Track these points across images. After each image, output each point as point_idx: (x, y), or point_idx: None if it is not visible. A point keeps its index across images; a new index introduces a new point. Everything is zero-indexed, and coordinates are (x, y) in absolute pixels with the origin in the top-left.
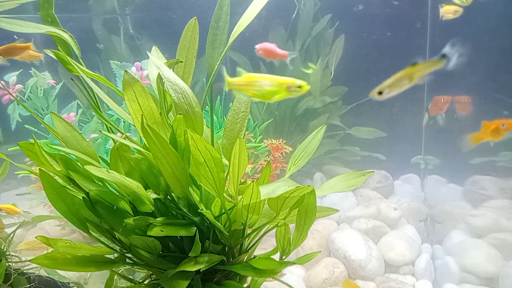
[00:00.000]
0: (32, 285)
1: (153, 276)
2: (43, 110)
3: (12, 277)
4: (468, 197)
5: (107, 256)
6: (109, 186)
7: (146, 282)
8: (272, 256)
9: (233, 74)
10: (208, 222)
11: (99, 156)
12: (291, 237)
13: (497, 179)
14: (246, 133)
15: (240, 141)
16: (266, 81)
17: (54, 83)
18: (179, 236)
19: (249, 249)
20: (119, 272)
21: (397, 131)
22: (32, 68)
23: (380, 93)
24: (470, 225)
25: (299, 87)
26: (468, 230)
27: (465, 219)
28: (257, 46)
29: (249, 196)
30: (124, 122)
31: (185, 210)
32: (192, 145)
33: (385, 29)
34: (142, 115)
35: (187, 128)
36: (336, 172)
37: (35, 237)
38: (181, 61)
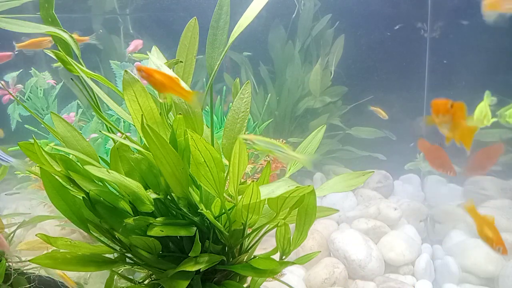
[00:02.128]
0: (32, 285)
1: (153, 276)
2: (43, 110)
3: (12, 277)
4: (468, 197)
5: (107, 256)
6: (109, 186)
7: (146, 282)
8: (272, 256)
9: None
10: (208, 222)
11: (99, 156)
12: (291, 237)
13: (497, 179)
14: (246, 133)
15: (240, 141)
16: None
17: (54, 83)
18: (179, 236)
19: (249, 249)
20: (119, 272)
21: (397, 131)
22: (32, 68)
23: None
24: (470, 225)
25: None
26: (468, 230)
27: (465, 219)
28: None
29: (249, 196)
30: (124, 122)
31: (185, 210)
32: (192, 145)
33: (385, 29)
34: (142, 115)
35: (187, 128)
36: (336, 172)
37: (36, 235)
38: (181, 61)
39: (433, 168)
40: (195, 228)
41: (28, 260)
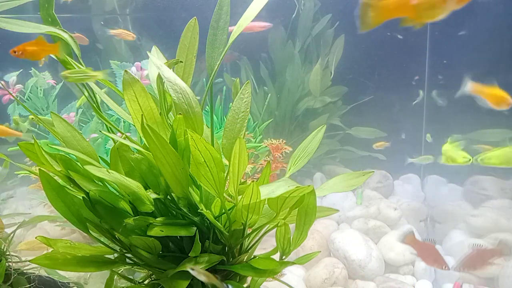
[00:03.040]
0: (32, 285)
1: (153, 276)
2: (43, 110)
3: (12, 277)
4: (468, 197)
5: (107, 256)
6: (109, 186)
7: (146, 282)
8: (272, 256)
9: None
10: (208, 222)
11: (99, 156)
12: (291, 237)
13: (497, 179)
14: (246, 133)
15: (240, 141)
16: None
17: (54, 83)
18: (179, 236)
19: (249, 249)
20: (119, 272)
21: (397, 131)
22: (32, 68)
23: None
24: (470, 225)
25: None
26: (468, 230)
27: (465, 219)
28: None
29: (249, 196)
30: (124, 122)
31: (185, 210)
32: (192, 145)
33: (385, 29)
34: (142, 115)
35: (187, 128)
36: (336, 172)
37: (35, 237)
38: (181, 61)
39: (427, 264)
40: (195, 228)
41: (28, 260)
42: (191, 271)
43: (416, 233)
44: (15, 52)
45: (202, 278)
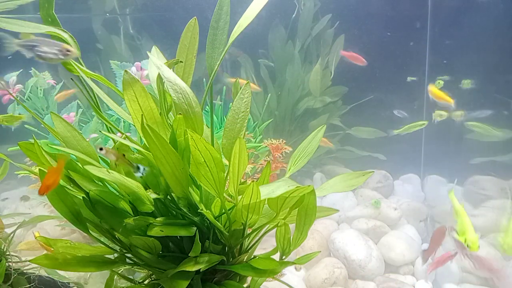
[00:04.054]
0: (32, 285)
1: (153, 276)
2: (43, 110)
3: (12, 277)
4: (468, 197)
5: (107, 256)
6: (109, 186)
7: (146, 282)
8: (272, 256)
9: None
10: (208, 222)
11: (99, 156)
12: (291, 237)
13: (497, 179)
14: (246, 133)
15: (240, 141)
16: None
17: (54, 83)
18: (179, 236)
19: (249, 249)
20: (119, 272)
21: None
22: (32, 68)
23: None
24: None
25: None
26: None
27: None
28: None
29: (249, 196)
30: (124, 122)
31: (185, 210)
32: (192, 145)
33: (385, 29)
34: (142, 115)
35: (187, 128)
36: (336, 172)
37: (35, 237)
38: (181, 61)
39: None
40: (195, 228)
41: (28, 260)
42: (99, 151)
43: (417, 233)
44: None
45: (111, 156)
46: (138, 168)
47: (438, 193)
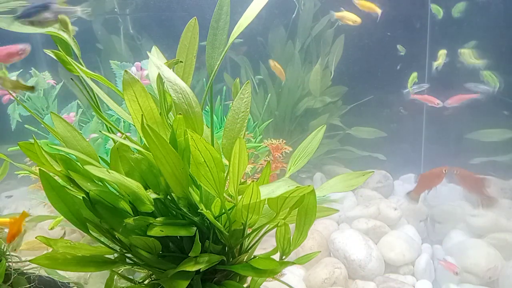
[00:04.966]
0: (32, 285)
1: (153, 276)
2: (43, 110)
3: (12, 277)
4: (468, 197)
5: (107, 256)
6: (109, 186)
7: (146, 282)
8: (272, 256)
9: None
10: (208, 222)
11: (99, 156)
12: (291, 237)
13: (497, 179)
14: (246, 133)
15: (240, 141)
16: None
17: (54, 83)
18: (179, 236)
19: (249, 249)
20: (119, 272)
21: (397, 131)
22: (32, 68)
23: None
24: (470, 225)
25: None
26: (468, 230)
27: (465, 219)
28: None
29: (249, 196)
30: (124, 122)
31: (185, 210)
32: (192, 145)
33: (385, 29)
34: (142, 115)
35: (187, 128)
36: (336, 172)
37: (35, 237)
38: (181, 61)
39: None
40: (195, 228)
41: (28, 261)
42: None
43: (417, 233)
44: None
45: (7, 84)
46: (33, 88)
47: (438, 193)
